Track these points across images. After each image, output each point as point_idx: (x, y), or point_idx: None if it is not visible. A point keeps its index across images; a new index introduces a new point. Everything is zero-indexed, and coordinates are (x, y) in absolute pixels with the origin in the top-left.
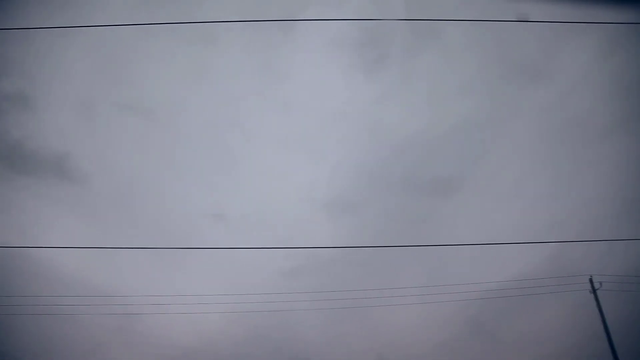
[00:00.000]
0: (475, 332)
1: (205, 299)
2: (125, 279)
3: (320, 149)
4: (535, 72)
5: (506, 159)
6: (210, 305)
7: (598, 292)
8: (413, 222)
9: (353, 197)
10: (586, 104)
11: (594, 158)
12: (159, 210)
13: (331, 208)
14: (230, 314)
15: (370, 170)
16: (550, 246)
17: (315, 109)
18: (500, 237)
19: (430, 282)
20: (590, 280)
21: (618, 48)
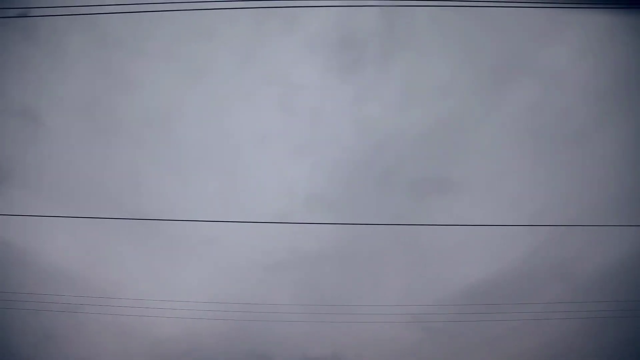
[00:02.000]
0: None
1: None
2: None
3: (301, 145)
4: (518, 69)
5: (489, 157)
6: (186, 296)
7: None
8: (396, 219)
9: (334, 194)
10: (569, 102)
11: (576, 157)
12: (138, 207)
13: (312, 205)
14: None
15: (352, 168)
16: (528, 244)
17: (297, 107)
18: (484, 234)
19: (414, 280)
20: None
21: (601, 45)
